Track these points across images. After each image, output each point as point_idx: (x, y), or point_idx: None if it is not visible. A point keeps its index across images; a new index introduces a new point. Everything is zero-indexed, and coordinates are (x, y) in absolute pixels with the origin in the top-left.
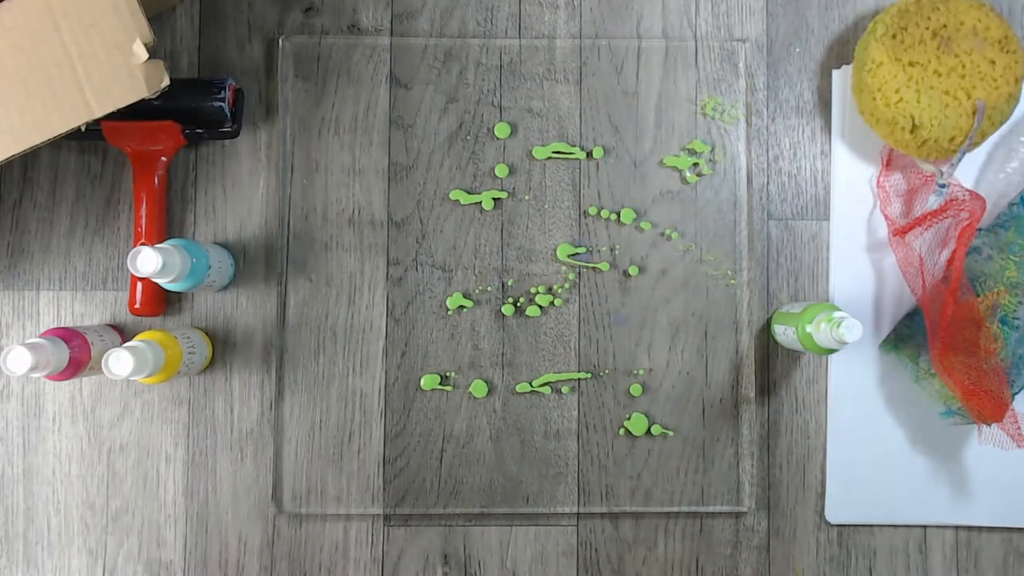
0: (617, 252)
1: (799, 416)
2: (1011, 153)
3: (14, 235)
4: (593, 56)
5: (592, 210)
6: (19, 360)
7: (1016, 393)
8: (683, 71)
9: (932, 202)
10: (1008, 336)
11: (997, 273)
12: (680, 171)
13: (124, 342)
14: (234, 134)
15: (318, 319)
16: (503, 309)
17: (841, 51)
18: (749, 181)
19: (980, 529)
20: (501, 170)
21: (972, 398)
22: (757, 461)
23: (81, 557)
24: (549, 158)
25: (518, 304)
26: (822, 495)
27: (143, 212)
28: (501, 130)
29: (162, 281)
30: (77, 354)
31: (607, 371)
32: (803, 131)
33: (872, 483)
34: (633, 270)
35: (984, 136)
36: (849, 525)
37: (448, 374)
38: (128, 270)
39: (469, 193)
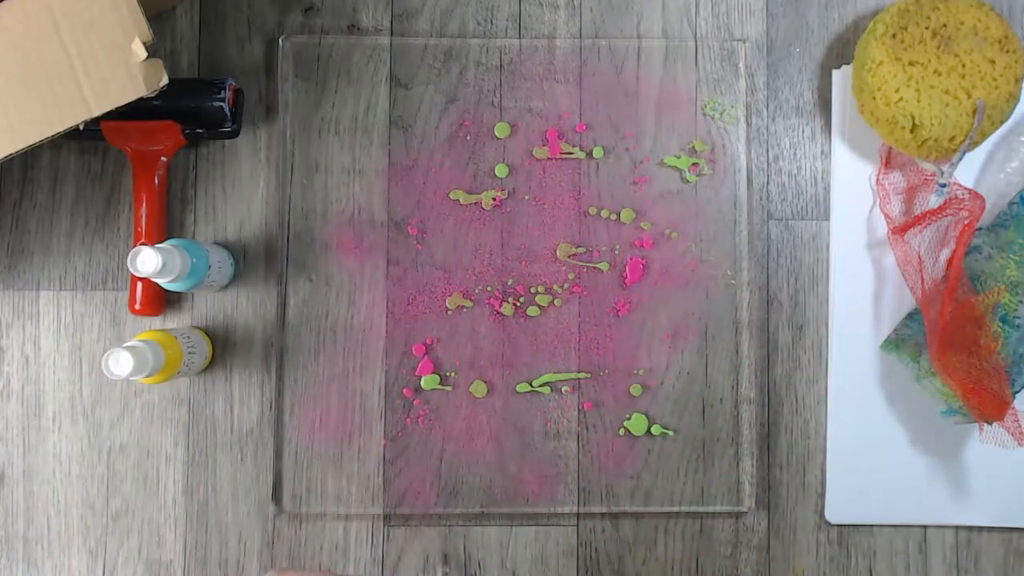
0: (617, 252)
1: (799, 416)
2: (1011, 152)
3: (14, 235)
4: (593, 56)
5: (592, 210)
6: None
7: (1017, 391)
8: (683, 71)
9: (933, 202)
10: (1008, 335)
11: (997, 272)
12: (680, 171)
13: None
14: (234, 134)
15: (318, 319)
16: (503, 309)
17: (841, 51)
18: (749, 181)
19: (980, 529)
20: (501, 170)
21: (973, 396)
22: (757, 461)
23: (81, 557)
24: (549, 158)
25: (518, 304)
26: (822, 495)
27: (143, 212)
28: (501, 130)
29: (162, 281)
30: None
31: (607, 371)
32: (803, 131)
33: (872, 483)
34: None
35: (984, 135)
36: (849, 525)
37: (448, 374)
38: (128, 270)
39: (469, 193)
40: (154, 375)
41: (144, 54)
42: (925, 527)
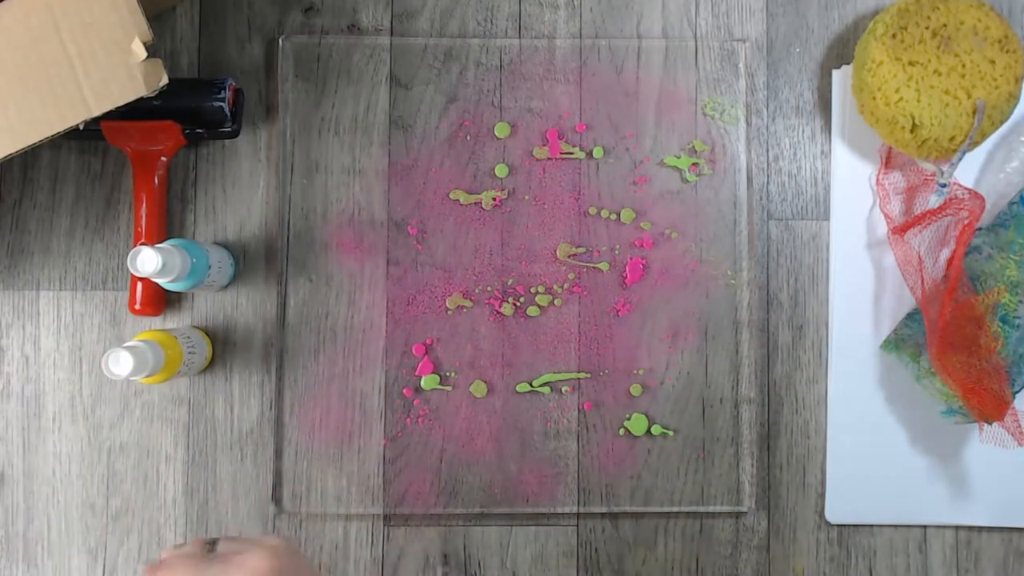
0: (617, 252)
1: (799, 416)
2: (1011, 152)
3: (14, 235)
4: (593, 56)
5: (592, 210)
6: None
7: (1017, 391)
8: (683, 71)
9: (933, 202)
10: (1008, 335)
11: (997, 272)
12: (680, 171)
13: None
14: (234, 134)
15: (318, 319)
16: (503, 309)
17: (841, 51)
18: (749, 181)
19: (980, 529)
20: (501, 170)
21: (973, 396)
22: (757, 461)
23: (81, 557)
24: (549, 158)
25: (518, 304)
26: (822, 495)
27: (143, 212)
28: (501, 130)
29: (162, 281)
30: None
31: (607, 371)
32: (803, 131)
33: (872, 483)
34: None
35: (984, 135)
36: (849, 525)
37: (448, 374)
38: (128, 270)
39: (469, 193)
40: (154, 375)
41: (144, 54)
42: (925, 527)
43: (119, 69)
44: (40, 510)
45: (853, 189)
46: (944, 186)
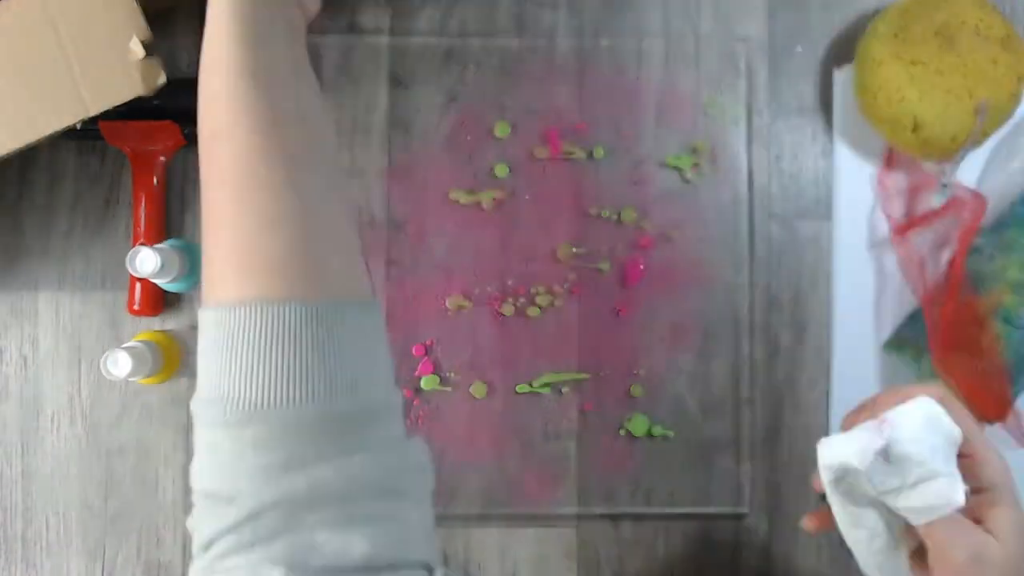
0: (617, 252)
1: (800, 417)
2: (1013, 152)
3: (12, 236)
4: (593, 56)
5: (592, 210)
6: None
7: (1019, 393)
8: (683, 71)
9: (935, 202)
10: (1010, 336)
11: (999, 273)
12: (680, 171)
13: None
14: None
15: None
16: (503, 309)
17: (843, 50)
18: (750, 181)
19: None
20: (501, 170)
21: (975, 398)
22: (758, 462)
23: (80, 558)
24: (549, 158)
25: (518, 304)
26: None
27: (142, 212)
28: (501, 130)
29: (161, 281)
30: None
31: (607, 371)
32: (804, 131)
33: None
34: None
35: (986, 135)
36: None
37: (448, 375)
38: (127, 270)
39: (469, 193)
40: (153, 376)
41: (142, 53)
42: None
43: (117, 68)
44: (38, 511)
45: (855, 189)
46: (946, 186)
